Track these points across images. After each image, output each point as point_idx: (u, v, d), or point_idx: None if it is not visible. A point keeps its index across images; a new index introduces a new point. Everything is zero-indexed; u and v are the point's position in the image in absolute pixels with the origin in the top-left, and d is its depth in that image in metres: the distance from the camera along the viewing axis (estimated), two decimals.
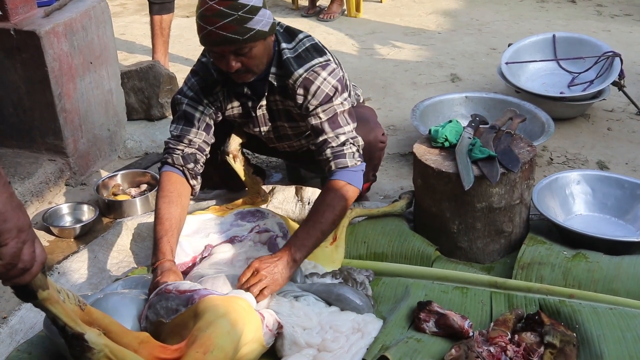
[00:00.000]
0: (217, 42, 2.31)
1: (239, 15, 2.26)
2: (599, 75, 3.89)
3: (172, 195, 2.47)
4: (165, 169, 2.54)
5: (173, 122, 2.60)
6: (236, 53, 2.34)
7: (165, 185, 2.49)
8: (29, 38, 3.03)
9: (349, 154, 2.45)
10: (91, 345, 1.63)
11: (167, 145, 2.57)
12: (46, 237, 2.99)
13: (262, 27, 2.33)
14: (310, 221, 2.37)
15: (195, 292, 1.99)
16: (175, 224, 2.40)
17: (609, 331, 2.13)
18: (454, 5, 6.19)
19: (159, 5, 4.36)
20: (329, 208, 2.37)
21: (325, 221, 2.35)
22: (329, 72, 2.48)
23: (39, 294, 1.48)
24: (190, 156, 2.53)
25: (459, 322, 2.15)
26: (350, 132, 2.48)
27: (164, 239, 2.34)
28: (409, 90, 4.42)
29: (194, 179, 2.55)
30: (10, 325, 2.33)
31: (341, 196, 2.39)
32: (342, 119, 2.47)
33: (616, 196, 2.84)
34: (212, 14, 2.27)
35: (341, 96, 2.49)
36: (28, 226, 1.31)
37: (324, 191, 2.44)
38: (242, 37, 2.29)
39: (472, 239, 2.59)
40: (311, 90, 2.45)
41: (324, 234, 2.36)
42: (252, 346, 1.97)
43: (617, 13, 5.80)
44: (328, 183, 2.44)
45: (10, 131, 3.30)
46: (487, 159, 2.53)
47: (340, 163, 2.44)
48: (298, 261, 2.28)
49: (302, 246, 2.29)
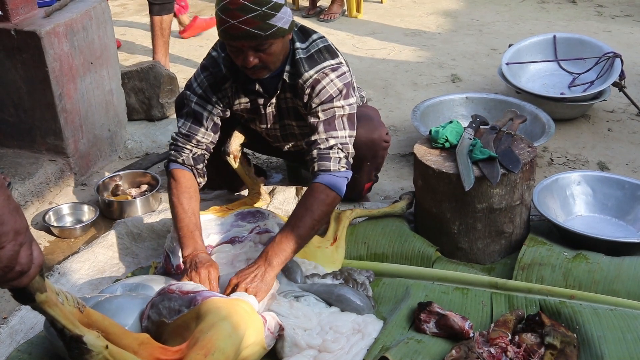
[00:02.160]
0: (239, 37, 2.30)
1: (262, 10, 2.26)
2: (599, 76, 3.89)
3: (191, 191, 2.50)
4: (176, 167, 2.56)
5: (181, 117, 2.61)
6: (256, 49, 2.34)
7: (183, 182, 2.52)
8: (29, 38, 3.03)
9: (334, 159, 2.41)
10: (90, 347, 1.63)
11: (175, 142, 2.58)
12: (46, 237, 2.99)
13: (283, 24, 2.32)
14: (289, 225, 2.34)
15: (198, 294, 1.99)
16: (199, 218, 2.46)
17: (610, 332, 2.13)
18: (454, 5, 6.19)
19: (159, 6, 4.36)
20: (307, 212, 2.34)
21: (303, 225, 2.31)
22: (338, 74, 2.47)
23: (37, 297, 1.47)
24: (200, 157, 2.57)
25: (459, 323, 2.15)
26: (342, 138, 2.45)
27: (196, 232, 2.39)
28: (409, 91, 4.42)
29: (201, 177, 2.60)
30: (10, 325, 2.33)
31: (321, 201, 2.36)
32: (338, 123, 2.45)
33: (617, 197, 2.84)
34: (235, 8, 2.25)
35: (344, 100, 2.47)
36: (25, 229, 1.30)
37: (305, 194, 2.42)
38: (265, 33, 2.28)
39: (473, 239, 2.59)
40: (316, 90, 2.45)
41: (302, 239, 2.31)
42: (253, 349, 1.97)
43: (618, 14, 5.80)
44: (310, 186, 2.42)
45: (11, 131, 3.30)
46: (488, 160, 2.53)
47: (323, 165, 2.41)
48: (276, 266, 2.24)
49: (280, 250, 2.26)
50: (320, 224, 2.39)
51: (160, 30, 4.42)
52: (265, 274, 2.21)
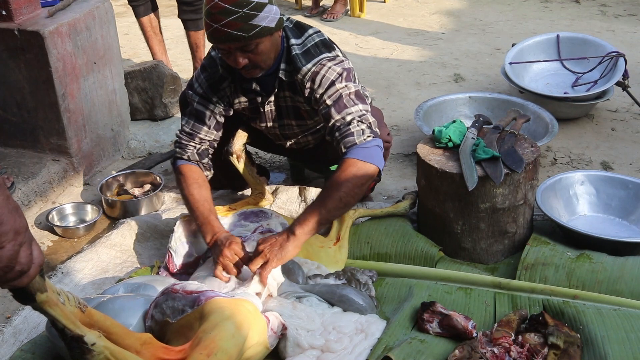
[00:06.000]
0: (223, 40, 2.32)
1: (244, 12, 2.27)
2: (602, 76, 3.88)
3: (199, 180, 2.56)
4: (182, 162, 2.60)
5: (185, 116, 2.65)
6: (242, 50, 2.35)
7: (190, 174, 2.56)
8: (33, 38, 3.04)
9: (357, 132, 2.37)
10: (91, 347, 1.63)
11: (179, 140, 2.62)
12: (50, 237, 3.00)
13: (267, 23, 2.33)
14: (316, 199, 2.37)
15: (202, 294, 1.99)
16: (212, 204, 2.52)
17: (613, 332, 2.13)
18: (457, 5, 6.19)
19: (143, 7, 4.34)
20: (333, 186, 2.31)
21: (329, 198, 2.30)
22: (336, 62, 2.48)
23: (37, 297, 1.47)
24: (204, 152, 2.62)
25: (462, 322, 2.15)
26: (358, 112, 2.42)
27: (211, 217, 2.46)
28: (412, 91, 4.42)
29: (207, 171, 2.64)
30: (14, 325, 2.34)
31: (350, 173, 2.31)
32: (347, 101, 2.43)
33: (620, 197, 2.84)
34: (217, 12, 2.28)
35: (345, 80, 2.46)
36: (25, 229, 1.30)
37: (335, 171, 2.38)
38: (248, 34, 2.30)
39: (476, 239, 2.58)
40: (317, 81, 2.45)
41: (328, 211, 2.30)
42: (256, 349, 1.97)
43: (621, 13, 5.79)
44: (340, 162, 2.37)
45: (14, 131, 3.31)
46: (491, 160, 2.53)
47: (348, 142, 2.37)
48: (299, 235, 2.26)
49: (304, 221, 2.28)
50: (351, 196, 2.32)
51: (152, 30, 4.42)
52: (287, 242, 2.25)
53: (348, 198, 2.32)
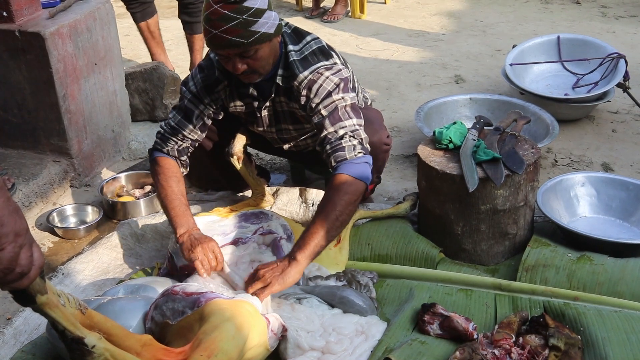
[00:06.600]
0: (222, 46, 2.32)
1: (243, 18, 2.27)
2: (603, 77, 3.88)
3: (178, 175, 2.57)
4: (161, 155, 2.60)
5: (174, 109, 2.66)
6: (241, 55, 2.35)
7: (169, 167, 2.57)
8: (33, 39, 3.04)
9: (348, 147, 2.39)
10: (91, 349, 1.63)
11: (163, 132, 2.62)
12: (50, 238, 3.00)
13: (267, 29, 2.33)
14: (313, 220, 2.35)
15: (202, 295, 1.99)
16: (187, 202, 2.53)
17: (614, 334, 2.13)
18: (458, 6, 6.19)
19: (141, 13, 4.37)
20: (329, 204, 2.32)
21: (326, 218, 2.29)
22: (333, 72, 2.47)
23: (38, 299, 1.47)
24: (184, 149, 2.62)
25: (463, 324, 2.15)
26: (351, 126, 2.43)
27: (187, 212, 2.46)
28: (413, 92, 4.42)
29: (184, 168, 2.65)
30: (14, 326, 2.34)
31: (342, 191, 2.33)
32: (342, 114, 2.44)
33: (621, 198, 2.83)
34: (216, 18, 2.27)
35: (343, 92, 2.46)
36: (25, 230, 1.30)
37: (327, 189, 2.42)
38: (247, 40, 2.30)
39: (477, 241, 2.58)
40: (313, 90, 2.45)
41: (326, 231, 2.29)
42: (256, 350, 1.97)
43: (622, 14, 5.79)
44: (330, 179, 2.40)
45: (15, 132, 3.31)
46: (492, 161, 2.53)
47: (338, 157, 2.39)
48: (300, 260, 2.24)
49: (304, 245, 2.27)
50: (346, 214, 2.34)
51: (149, 34, 4.46)
52: (288, 267, 2.23)
53: (344, 216, 2.34)
